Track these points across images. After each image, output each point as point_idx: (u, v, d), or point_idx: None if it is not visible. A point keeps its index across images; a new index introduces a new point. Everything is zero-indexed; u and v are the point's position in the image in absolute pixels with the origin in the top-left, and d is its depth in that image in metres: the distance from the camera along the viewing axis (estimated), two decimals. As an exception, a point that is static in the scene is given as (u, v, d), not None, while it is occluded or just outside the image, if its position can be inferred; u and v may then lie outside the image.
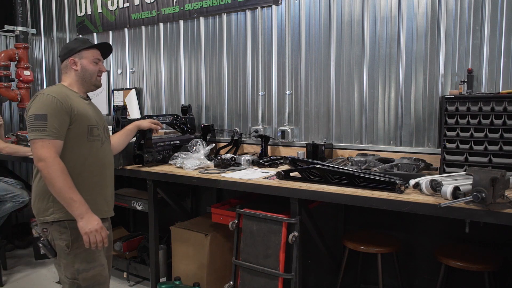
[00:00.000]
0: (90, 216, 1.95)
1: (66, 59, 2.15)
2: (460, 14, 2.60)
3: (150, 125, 2.83)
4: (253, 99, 3.51)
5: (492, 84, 2.54)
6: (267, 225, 2.43)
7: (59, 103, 1.96)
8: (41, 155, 1.90)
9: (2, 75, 4.67)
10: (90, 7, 4.51)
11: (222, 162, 2.86)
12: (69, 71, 2.16)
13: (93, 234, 1.94)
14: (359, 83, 2.99)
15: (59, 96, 1.99)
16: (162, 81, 4.06)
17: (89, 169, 2.08)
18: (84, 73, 2.15)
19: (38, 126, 1.91)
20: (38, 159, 1.90)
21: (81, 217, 1.92)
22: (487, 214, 1.76)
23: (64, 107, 1.97)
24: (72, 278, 2.02)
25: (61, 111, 1.96)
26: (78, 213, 1.92)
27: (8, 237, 4.40)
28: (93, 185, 2.10)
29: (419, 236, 2.83)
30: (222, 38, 3.62)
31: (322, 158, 2.89)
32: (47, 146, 1.91)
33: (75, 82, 2.16)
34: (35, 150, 1.92)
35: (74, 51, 2.14)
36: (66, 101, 2.00)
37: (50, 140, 1.92)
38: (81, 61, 2.14)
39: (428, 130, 2.75)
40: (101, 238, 1.96)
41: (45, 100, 1.96)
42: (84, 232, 1.93)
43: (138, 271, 3.43)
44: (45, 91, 2.01)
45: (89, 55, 2.16)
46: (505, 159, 2.21)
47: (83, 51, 2.15)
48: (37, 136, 1.91)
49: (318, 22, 3.12)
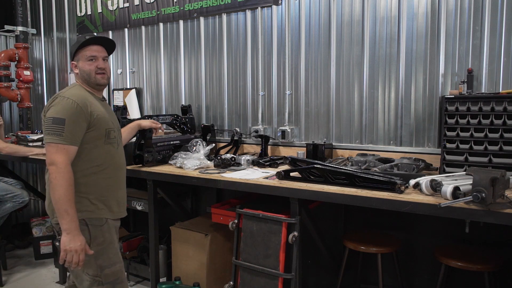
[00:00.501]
0: (76, 235, 1.93)
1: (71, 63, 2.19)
2: (460, 14, 2.60)
3: (151, 124, 2.85)
4: (253, 99, 3.51)
5: (492, 84, 2.54)
6: (267, 225, 2.43)
7: (79, 108, 1.97)
8: (54, 159, 1.90)
9: (2, 75, 4.67)
10: (90, 7, 4.51)
11: (222, 162, 2.86)
12: (75, 74, 2.19)
13: (71, 254, 1.92)
14: (359, 83, 2.99)
15: (80, 100, 1.99)
16: (162, 81, 4.06)
17: (105, 171, 2.09)
18: (83, 74, 2.15)
19: (55, 129, 1.92)
20: (51, 162, 1.91)
21: (67, 232, 1.91)
22: (487, 214, 1.76)
23: (83, 113, 1.98)
24: (94, 274, 2.03)
25: (80, 117, 1.97)
26: (67, 227, 1.91)
27: (8, 237, 4.40)
28: (108, 186, 2.11)
29: (419, 236, 2.83)
30: (222, 38, 3.62)
31: (322, 158, 2.89)
32: (61, 151, 1.91)
33: (82, 83, 2.17)
34: (49, 153, 1.92)
35: (72, 54, 2.16)
36: (86, 106, 2.00)
37: (65, 146, 1.92)
38: (78, 63, 2.15)
39: (428, 130, 2.75)
40: (77, 260, 1.93)
41: (65, 104, 1.95)
42: (64, 248, 1.91)
43: (138, 271, 3.43)
44: (66, 94, 2.00)
45: (82, 55, 2.14)
46: (505, 159, 2.21)
47: (78, 52, 2.14)
48: (53, 139, 1.91)
49: (318, 22, 3.12)
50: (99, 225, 2.06)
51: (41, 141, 4.05)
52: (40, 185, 5.27)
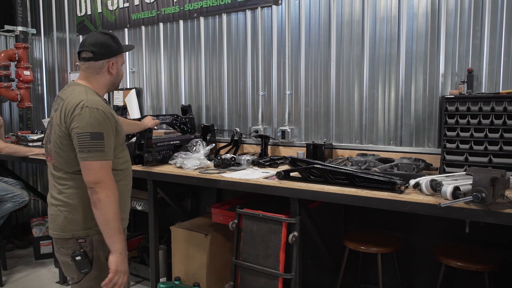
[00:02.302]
0: (126, 256, 1.83)
1: (104, 60, 1.92)
2: (460, 14, 2.60)
3: (154, 123, 2.84)
4: (253, 99, 3.51)
5: (492, 84, 2.54)
6: (267, 225, 2.43)
7: (110, 119, 1.82)
8: (101, 178, 1.76)
9: (2, 75, 4.67)
10: (90, 7, 4.51)
11: (222, 162, 2.86)
12: (102, 73, 1.93)
13: (120, 275, 1.81)
14: (359, 83, 2.99)
15: (107, 110, 1.83)
16: (162, 81, 4.06)
17: (125, 177, 2.01)
18: (117, 78, 2.01)
19: (96, 146, 1.76)
20: (97, 181, 1.76)
21: (119, 252, 1.79)
22: (487, 214, 1.76)
23: (112, 122, 1.84)
24: None
25: (111, 128, 1.84)
26: (119, 247, 1.79)
27: (8, 237, 4.41)
28: (127, 193, 2.04)
29: (419, 236, 2.83)
30: (222, 38, 3.62)
31: (322, 158, 2.89)
32: (106, 167, 1.79)
33: (104, 86, 1.97)
34: (94, 171, 1.76)
35: (115, 53, 1.95)
36: (112, 116, 1.86)
37: (108, 161, 1.81)
38: (117, 64, 1.97)
39: (428, 130, 2.75)
40: (122, 282, 1.83)
41: (97, 116, 1.77)
42: (116, 269, 1.78)
43: (138, 271, 3.43)
44: (92, 103, 1.79)
45: (122, 59, 2.01)
46: (505, 159, 2.21)
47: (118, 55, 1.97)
48: (96, 157, 1.76)
49: (318, 22, 3.12)
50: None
51: (41, 141, 4.05)
52: (40, 185, 5.28)
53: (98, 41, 1.91)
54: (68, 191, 1.86)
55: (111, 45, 1.93)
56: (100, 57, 1.90)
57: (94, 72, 1.92)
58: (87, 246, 1.86)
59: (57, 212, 1.88)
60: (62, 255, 1.92)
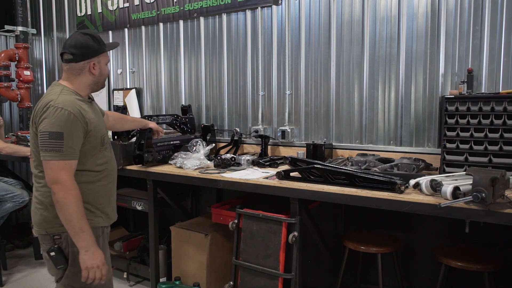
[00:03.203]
0: (96, 250, 1.85)
1: (85, 61, 1.94)
2: (460, 14, 2.60)
3: (157, 127, 2.84)
4: (253, 99, 3.51)
5: (492, 84, 2.54)
6: (267, 225, 2.43)
7: (75, 119, 1.82)
8: (57, 178, 1.78)
9: (2, 75, 4.67)
10: (90, 7, 4.51)
11: (222, 162, 2.86)
12: (83, 74, 1.95)
13: (94, 270, 1.84)
14: (359, 83, 2.99)
15: (75, 110, 1.83)
16: (162, 81, 4.06)
17: (104, 178, 2.01)
18: (100, 78, 2.02)
19: (54, 145, 1.77)
20: (54, 181, 1.78)
21: (86, 249, 1.82)
22: (487, 214, 1.76)
23: (80, 123, 1.84)
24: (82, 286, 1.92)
25: (77, 129, 1.83)
26: (84, 245, 1.82)
27: (8, 237, 4.40)
28: (106, 193, 2.05)
29: (419, 236, 2.83)
30: (222, 38, 3.62)
31: (322, 158, 2.89)
32: (63, 167, 1.79)
33: (86, 86, 1.99)
34: (51, 171, 1.79)
35: (96, 53, 1.96)
36: (82, 116, 1.85)
37: (67, 162, 1.79)
38: (99, 64, 1.98)
39: (428, 130, 2.75)
40: (100, 276, 1.86)
41: (60, 116, 1.78)
42: (86, 266, 1.83)
43: (138, 271, 3.43)
44: (59, 103, 1.81)
45: (105, 58, 2.02)
46: (505, 159, 2.21)
47: (100, 54, 1.98)
48: (53, 157, 1.77)
49: (318, 22, 3.12)
50: (98, 235, 1.96)
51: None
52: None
53: (78, 42, 1.93)
54: (42, 189, 1.91)
55: (91, 46, 1.94)
56: (80, 59, 1.93)
57: (76, 73, 1.95)
58: (62, 242, 1.90)
59: (35, 210, 1.95)
60: (43, 251, 1.98)
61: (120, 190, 3.66)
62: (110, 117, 2.47)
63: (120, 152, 2.93)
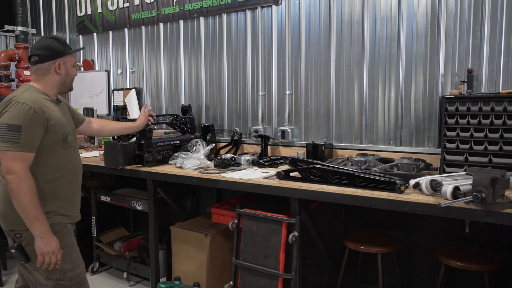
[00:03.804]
0: (50, 237, 1.92)
1: (49, 61, 2.04)
2: (460, 14, 2.60)
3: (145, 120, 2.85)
4: (253, 99, 3.50)
5: (492, 84, 2.54)
6: (267, 225, 2.43)
7: (35, 114, 1.89)
8: (12, 168, 1.84)
9: (2, 75, 4.67)
10: (90, 7, 4.51)
11: (222, 162, 2.86)
12: (50, 74, 2.05)
13: (49, 256, 1.91)
14: (359, 83, 2.99)
15: (36, 105, 1.90)
16: (162, 81, 4.06)
17: (64, 176, 2.06)
18: (67, 78, 2.11)
19: (11, 137, 1.83)
20: (8, 171, 1.84)
21: (41, 236, 1.89)
22: (487, 214, 1.76)
23: (40, 118, 1.90)
24: (57, 278, 2.00)
25: (37, 123, 1.89)
26: (39, 232, 1.89)
27: (8, 237, 4.40)
28: (67, 192, 2.09)
29: (419, 236, 2.83)
30: (222, 38, 3.62)
31: (322, 158, 2.89)
32: (18, 159, 1.85)
33: (53, 86, 2.08)
34: (6, 161, 1.85)
35: (61, 54, 2.06)
36: (43, 112, 1.92)
37: (22, 153, 1.86)
38: (65, 65, 2.08)
39: (428, 130, 2.75)
40: (55, 261, 1.94)
41: (20, 110, 1.86)
42: (41, 252, 1.90)
43: (138, 271, 3.43)
44: (21, 99, 1.90)
45: (71, 60, 2.12)
46: (505, 159, 2.21)
47: (67, 55, 2.09)
48: (8, 147, 1.84)
49: (318, 22, 3.12)
50: (59, 231, 2.02)
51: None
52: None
53: (43, 44, 2.06)
54: (3, 187, 1.96)
55: (55, 47, 2.06)
56: (46, 59, 2.04)
57: (42, 73, 2.05)
58: (23, 240, 1.97)
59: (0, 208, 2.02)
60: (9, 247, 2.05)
61: (120, 190, 3.66)
62: (94, 123, 2.59)
63: (120, 152, 2.93)
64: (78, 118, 2.42)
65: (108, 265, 3.79)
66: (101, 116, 4.51)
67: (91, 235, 3.63)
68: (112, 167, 3.00)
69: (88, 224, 3.61)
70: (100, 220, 3.66)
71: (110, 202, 3.52)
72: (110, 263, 3.70)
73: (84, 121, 2.48)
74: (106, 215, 3.82)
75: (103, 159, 3.12)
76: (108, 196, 3.52)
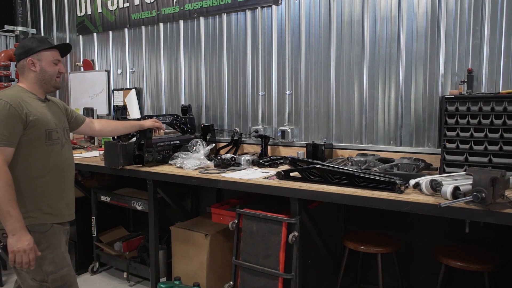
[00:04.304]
0: (23, 235, 1.87)
1: (23, 59, 2.07)
2: (460, 14, 2.60)
3: (153, 124, 2.88)
4: (253, 99, 3.51)
5: (492, 84, 2.54)
6: (267, 225, 2.43)
7: (12, 109, 1.89)
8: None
9: (2, 75, 4.67)
10: (90, 7, 4.51)
11: (222, 162, 2.86)
12: (26, 72, 2.08)
13: (20, 254, 1.86)
14: (359, 83, 2.99)
15: (13, 101, 1.91)
16: (162, 81, 4.06)
17: (49, 173, 2.04)
18: (44, 75, 2.09)
19: None
20: None
21: (13, 233, 1.85)
22: (487, 214, 1.76)
23: (17, 114, 1.90)
24: (41, 280, 1.99)
25: (14, 118, 1.89)
26: (11, 228, 1.85)
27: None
28: (54, 189, 2.07)
29: (419, 236, 2.83)
30: (222, 38, 3.62)
31: (322, 158, 2.89)
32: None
33: (33, 83, 2.09)
34: None
35: (33, 51, 2.07)
36: (21, 108, 1.92)
37: (1, 148, 1.85)
38: (40, 62, 2.08)
39: (428, 130, 2.75)
40: (27, 260, 1.87)
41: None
42: (12, 250, 1.86)
43: (138, 271, 3.43)
44: (1, 96, 1.93)
45: (48, 56, 2.10)
46: (505, 159, 2.21)
47: (42, 52, 2.08)
48: None
49: (318, 22, 3.12)
50: (43, 232, 1.99)
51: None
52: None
53: (20, 45, 2.12)
54: None
55: (28, 45, 2.09)
56: (20, 57, 2.09)
57: (21, 72, 2.11)
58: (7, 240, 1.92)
59: None
60: None
61: (120, 190, 3.66)
62: (95, 123, 2.61)
63: (120, 152, 2.93)
64: (77, 119, 2.43)
65: (108, 265, 3.79)
66: (101, 116, 4.51)
67: (91, 235, 3.63)
68: (112, 167, 3.00)
69: (88, 224, 3.61)
70: (100, 220, 3.66)
71: (110, 202, 3.52)
72: (110, 263, 3.70)
73: (85, 121, 2.49)
74: (106, 215, 3.81)
75: (103, 159, 3.12)
76: (108, 196, 3.52)
